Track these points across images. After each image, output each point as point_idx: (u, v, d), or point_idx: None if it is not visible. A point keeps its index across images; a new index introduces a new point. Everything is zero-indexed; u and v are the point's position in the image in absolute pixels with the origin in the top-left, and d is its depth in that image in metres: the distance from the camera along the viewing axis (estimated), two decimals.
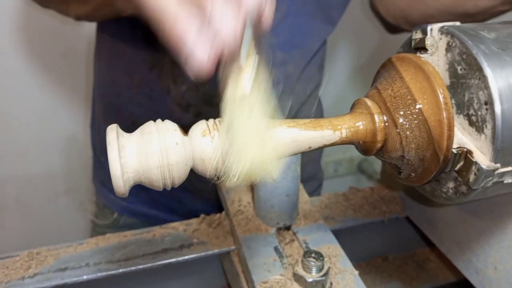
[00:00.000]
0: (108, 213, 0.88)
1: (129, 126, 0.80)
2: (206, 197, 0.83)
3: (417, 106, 0.37)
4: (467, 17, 0.68)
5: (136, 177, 0.33)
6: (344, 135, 0.37)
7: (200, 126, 0.35)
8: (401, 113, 0.37)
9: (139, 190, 0.83)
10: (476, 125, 0.35)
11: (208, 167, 0.34)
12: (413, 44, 0.41)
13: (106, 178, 0.87)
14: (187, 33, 0.30)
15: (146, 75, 0.74)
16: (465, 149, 0.35)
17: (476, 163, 0.35)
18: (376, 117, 0.38)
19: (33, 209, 1.38)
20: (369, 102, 0.38)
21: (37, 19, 1.08)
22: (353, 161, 1.56)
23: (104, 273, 0.57)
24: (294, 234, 0.59)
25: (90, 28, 0.80)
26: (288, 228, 0.60)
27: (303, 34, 0.75)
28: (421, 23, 0.73)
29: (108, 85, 0.80)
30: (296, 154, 0.38)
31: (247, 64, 0.33)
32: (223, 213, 0.67)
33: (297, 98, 0.80)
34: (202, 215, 0.66)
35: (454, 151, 0.36)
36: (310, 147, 0.37)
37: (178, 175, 0.34)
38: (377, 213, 0.67)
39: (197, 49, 0.30)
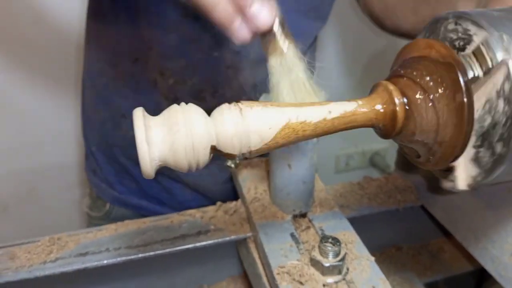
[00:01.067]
0: (100, 204, 0.89)
1: (119, 119, 0.80)
2: (195, 189, 0.84)
3: (439, 90, 0.37)
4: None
5: (162, 158, 0.34)
6: (364, 117, 0.38)
7: (222, 107, 0.36)
8: (422, 96, 0.38)
9: (130, 181, 0.85)
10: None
11: (231, 146, 0.35)
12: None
13: (97, 168, 0.87)
14: (231, 19, 0.38)
15: (131, 68, 0.74)
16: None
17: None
18: (396, 100, 0.38)
19: (47, 200, 1.40)
20: (389, 85, 0.39)
21: (28, 8, 1.09)
22: (365, 155, 1.56)
23: (123, 258, 0.58)
24: (310, 221, 0.60)
25: (81, 17, 0.80)
26: (304, 215, 0.61)
27: (294, 32, 0.76)
28: (394, 32, 0.75)
29: (96, 76, 0.81)
30: (311, 137, 0.39)
31: (282, 30, 0.40)
32: (239, 200, 0.67)
33: None
34: (218, 203, 0.67)
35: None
36: (336, 129, 0.37)
37: (204, 157, 0.35)
38: (392, 202, 0.67)
39: (240, 32, 0.38)
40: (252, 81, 0.75)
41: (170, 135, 0.34)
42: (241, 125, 0.35)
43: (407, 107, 0.39)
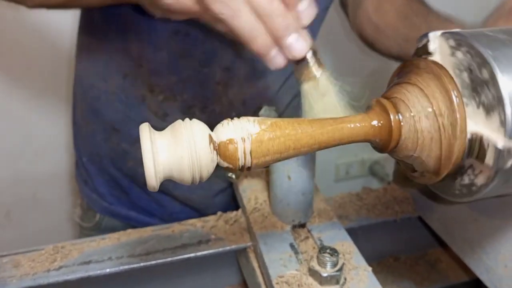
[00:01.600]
0: (91, 215, 0.89)
1: (110, 131, 0.81)
2: (184, 202, 0.85)
3: (431, 107, 0.39)
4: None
5: (167, 171, 0.35)
6: (360, 132, 0.39)
7: (223, 122, 0.38)
8: (416, 113, 0.39)
9: (120, 192, 0.86)
10: (487, 108, 0.37)
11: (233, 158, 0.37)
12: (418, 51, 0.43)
13: (88, 179, 0.88)
14: (269, 50, 0.42)
15: (121, 83, 0.75)
16: (479, 135, 0.37)
17: (491, 144, 0.36)
18: (392, 116, 0.40)
19: (49, 207, 1.41)
20: (384, 101, 0.40)
21: (22, 20, 1.11)
22: (365, 164, 1.57)
23: (126, 267, 0.59)
24: (309, 231, 0.61)
25: (74, 29, 0.82)
26: (303, 225, 0.62)
27: None
28: (385, 54, 0.76)
29: (87, 90, 0.81)
30: (309, 151, 0.40)
31: (314, 59, 0.43)
32: (239, 210, 0.69)
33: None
34: (219, 213, 0.68)
35: (469, 136, 0.37)
36: (338, 143, 0.39)
37: (206, 169, 0.36)
38: (390, 213, 0.68)
39: (276, 60, 0.42)
40: (241, 97, 0.76)
41: (175, 149, 0.35)
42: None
43: (402, 124, 0.40)
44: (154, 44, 0.70)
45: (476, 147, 0.37)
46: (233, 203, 0.80)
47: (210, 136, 0.37)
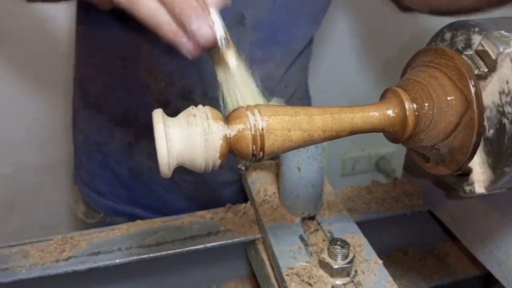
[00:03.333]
0: (95, 211, 0.89)
1: (113, 127, 0.79)
2: (190, 197, 0.84)
3: (447, 96, 0.38)
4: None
5: (180, 156, 0.35)
6: (375, 121, 0.39)
7: (238, 109, 0.38)
8: (432, 102, 0.39)
9: (122, 190, 0.85)
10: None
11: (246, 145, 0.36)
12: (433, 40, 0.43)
13: (88, 179, 0.87)
14: (177, 36, 0.40)
15: (122, 73, 0.74)
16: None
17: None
18: (407, 105, 0.39)
19: (52, 198, 1.41)
20: (399, 91, 0.40)
21: (19, 15, 1.10)
22: (371, 159, 1.57)
23: (135, 257, 0.59)
24: (319, 224, 0.61)
25: (71, 23, 0.81)
26: (312, 218, 0.62)
27: (287, 31, 0.74)
28: (444, 8, 0.73)
29: (88, 84, 0.80)
30: (322, 140, 0.40)
31: (226, 44, 0.41)
32: (248, 202, 0.68)
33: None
34: (228, 205, 0.68)
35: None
36: (349, 132, 0.38)
37: (218, 162, 0.36)
38: (399, 207, 0.68)
39: (187, 49, 0.40)
40: None
41: (189, 135, 0.35)
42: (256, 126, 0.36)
43: (416, 113, 0.40)
44: (152, 32, 0.69)
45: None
46: (240, 197, 0.79)
47: (224, 123, 0.37)
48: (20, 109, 1.24)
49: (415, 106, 0.39)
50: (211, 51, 0.42)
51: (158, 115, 0.35)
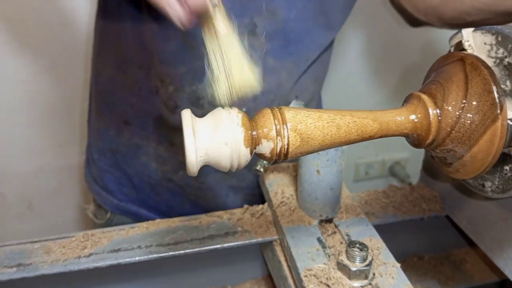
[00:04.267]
0: (103, 212, 0.89)
1: (122, 125, 0.79)
2: (194, 201, 0.84)
3: (471, 101, 0.39)
4: (507, 15, 0.66)
5: (206, 157, 0.36)
6: (399, 126, 0.39)
7: (263, 111, 0.38)
8: (456, 108, 0.39)
9: (130, 189, 0.85)
10: None
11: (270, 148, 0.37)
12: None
13: (98, 176, 0.87)
14: (166, 2, 0.39)
15: (136, 74, 0.74)
16: None
17: None
18: (430, 111, 0.39)
19: (70, 198, 1.43)
20: (423, 96, 0.40)
21: (38, 13, 1.11)
22: (385, 164, 1.56)
23: (155, 255, 0.60)
24: (336, 226, 0.61)
25: (91, 22, 0.82)
26: (330, 220, 0.62)
27: (301, 41, 0.74)
28: (455, 20, 0.73)
29: (104, 83, 0.81)
30: (345, 142, 0.40)
31: (217, 11, 0.41)
32: (265, 204, 0.69)
33: None
34: (245, 206, 0.69)
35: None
36: (370, 136, 0.39)
37: (245, 158, 0.37)
38: (417, 211, 0.68)
39: (177, 15, 0.39)
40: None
41: (216, 136, 0.36)
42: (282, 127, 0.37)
43: (440, 118, 0.40)
44: (165, 34, 0.69)
45: None
46: (244, 204, 0.77)
47: (250, 124, 0.37)
48: (42, 111, 1.26)
49: (438, 111, 0.40)
50: (201, 19, 0.42)
51: (187, 115, 0.36)
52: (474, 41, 0.43)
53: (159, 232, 0.63)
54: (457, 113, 0.39)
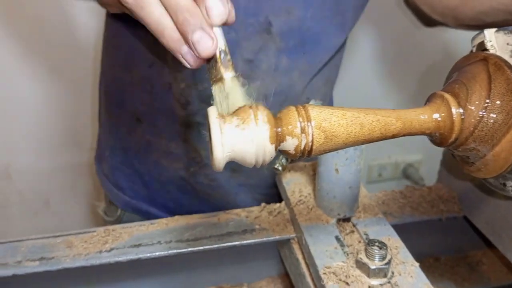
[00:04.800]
0: (113, 209, 0.90)
1: (134, 123, 0.80)
2: (204, 199, 0.84)
3: (494, 101, 0.39)
4: None
5: (232, 153, 0.37)
6: (422, 124, 0.40)
7: (289, 108, 0.39)
8: (479, 107, 0.39)
9: (141, 187, 0.86)
10: None
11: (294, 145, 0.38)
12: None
13: (109, 173, 0.88)
14: (178, 45, 0.41)
15: (146, 72, 0.74)
16: None
17: None
18: (453, 110, 0.40)
19: (86, 197, 1.45)
20: (446, 95, 0.41)
21: (47, 12, 1.13)
22: (398, 166, 1.56)
23: (174, 251, 0.61)
24: (354, 226, 0.62)
25: (100, 21, 0.83)
26: (347, 219, 0.63)
27: (316, 41, 0.74)
28: (473, 22, 0.73)
29: (112, 81, 0.81)
30: (369, 140, 0.41)
31: (224, 58, 0.42)
32: (283, 202, 0.70)
33: None
34: (262, 204, 0.69)
35: None
36: (393, 135, 0.39)
37: (270, 155, 0.38)
38: (435, 212, 0.68)
39: (186, 58, 0.41)
40: (263, 92, 0.71)
41: (242, 132, 0.36)
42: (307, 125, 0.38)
43: (463, 117, 0.40)
44: None
45: None
46: (254, 203, 0.76)
47: (275, 121, 0.38)
48: (58, 109, 1.29)
49: (461, 111, 0.40)
50: (209, 64, 0.43)
51: (213, 112, 0.37)
52: (497, 42, 0.43)
53: (178, 229, 0.64)
54: (480, 112, 0.39)
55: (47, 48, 1.19)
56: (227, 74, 0.42)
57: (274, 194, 0.83)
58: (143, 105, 0.78)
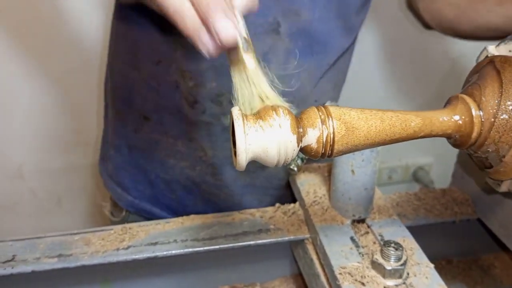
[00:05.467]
0: (118, 210, 0.90)
1: (141, 121, 0.80)
2: (208, 200, 0.84)
3: (510, 91, 0.39)
4: None
5: (256, 152, 0.37)
6: (442, 126, 0.40)
7: (310, 109, 0.40)
8: (498, 109, 0.40)
9: (145, 186, 0.86)
10: None
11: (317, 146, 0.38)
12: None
13: (113, 172, 0.88)
14: (198, 32, 0.39)
15: (153, 70, 0.74)
16: None
17: None
18: (473, 112, 0.40)
19: (97, 197, 1.46)
20: (466, 98, 0.41)
21: (51, 14, 1.13)
22: (408, 169, 1.55)
23: (190, 249, 0.61)
24: (369, 227, 0.62)
25: (105, 21, 0.83)
26: (362, 221, 0.63)
27: (324, 42, 0.74)
28: (469, 35, 0.74)
29: (119, 79, 0.81)
30: (390, 136, 0.41)
31: (246, 46, 0.41)
32: (297, 203, 0.70)
33: None
34: (277, 204, 0.70)
35: None
36: (414, 131, 0.40)
37: (291, 154, 0.38)
38: (448, 214, 0.68)
39: (206, 46, 0.39)
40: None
41: (265, 131, 0.37)
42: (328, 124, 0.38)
43: (483, 120, 0.41)
44: None
45: None
46: (261, 206, 0.76)
47: (298, 121, 0.39)
48: (70, 108, 1.30)
49: (481, 113, 0.40)
50: (229, 52, 0.42)
51: (237, 111, 0.38)
52: (499, 53, 0.44)
53: (194, 227, 0.65)
54: (500, 116, 0.40)
55: (57, 48, 1.20)
56: (250, 63, 0.42)
57: (280, 195, 0.83)
58: (150, 103, 0.78)
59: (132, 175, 0.86)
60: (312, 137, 0.39)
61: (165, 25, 0.70)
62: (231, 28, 0.38)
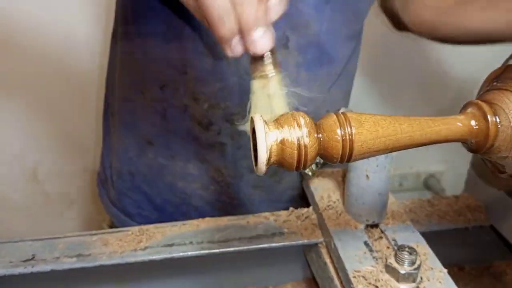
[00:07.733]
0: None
1: (145, 146, 0.79)
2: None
3: None
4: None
5: (276, 157, 0.38)
6: (459, 131, 0.41)
7: (327, 115, 0.41)
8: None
9: (150, 212, 0.84)
10: None
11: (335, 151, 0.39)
12: None
13: (116, 199, 0.86)
14: (232, 37, 0.40)
15: (158, 94, 0.73)
16: None
17: None
18: (489, 117, 0.41)
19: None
20: (482, 104, 0.42)
21: (50, 35, 1.16)
22: (420, 177, 1.56)
23: (206, 251, 0.62)
24: (382, 232, 0.63)
25: (104, 43, 0.84)
26: (376, 225, 0.64)
27: (331, 53, 0.74)
28: (449, 39, 0.73)
29: (122, 103, 0.79)
30: (412, 136, 0.41)
31: (270, 58, 0.43)
32: (311, 207, 0.71)
33: None
34: (291, 208, 0.71)
35: None
36: (431, 130, 0.40)
37: (310, 159, 0.39)
38: (462, 220, 0.69)
39: (236, 49, 0.41)
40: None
41: (285, 136, 0.38)
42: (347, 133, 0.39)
43: (499, 126, 0.41)
44: (200, 50, 0.68)
45: None
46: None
47: (316, 128, 0.40)
48: (84, 113, 1.32)
49: (498, 119, 0.41)
50: (254, 59, 0.43)
51: (259, 118, 0.39)
52: None
53: (209, 230, 0.66)
54: None
55: (69, 51, 1.22)
56: (273, 73, 0.43)
57: (293, 206, 0.83)
58: (155, 128, 0.76)
59: (136, 202, 0.84)
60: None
61: (174, 47, 0.69)
62: (268, 39, 0.40)
